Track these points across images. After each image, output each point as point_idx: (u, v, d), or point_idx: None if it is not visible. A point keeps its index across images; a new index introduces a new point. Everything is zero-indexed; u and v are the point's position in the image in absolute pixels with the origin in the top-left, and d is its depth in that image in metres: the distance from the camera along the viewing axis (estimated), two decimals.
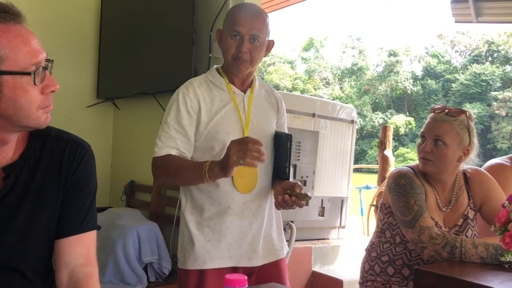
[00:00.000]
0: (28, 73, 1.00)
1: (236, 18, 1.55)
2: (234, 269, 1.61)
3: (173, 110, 1.58)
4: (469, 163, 1.83)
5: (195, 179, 1.49)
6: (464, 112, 1.77)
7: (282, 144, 1.64)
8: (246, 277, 0.85)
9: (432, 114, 1.79)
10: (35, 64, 1.01)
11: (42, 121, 1.07)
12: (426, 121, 1.80)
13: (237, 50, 1.54)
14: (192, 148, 1.59)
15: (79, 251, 1.17)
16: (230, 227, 1.59)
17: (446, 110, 1.76)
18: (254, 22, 1.54)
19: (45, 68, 1.04)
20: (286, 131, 1.76)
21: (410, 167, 1.83)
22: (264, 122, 1.67)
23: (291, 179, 1.65)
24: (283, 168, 1.62)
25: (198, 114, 1.57)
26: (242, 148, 1.33)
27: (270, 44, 1.64)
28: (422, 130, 1.80)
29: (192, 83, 1.62)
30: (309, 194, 1.49)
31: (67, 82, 3.37)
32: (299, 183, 1.53)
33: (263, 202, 1.65)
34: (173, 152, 1.54)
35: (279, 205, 1.50)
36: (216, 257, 1.58)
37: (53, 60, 1.07)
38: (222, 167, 1.38)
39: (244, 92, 1.64)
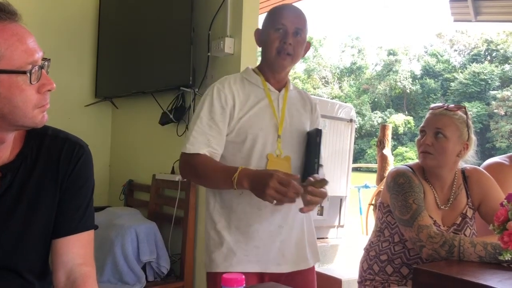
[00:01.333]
0: (24, 72, 1.00)
1: (281, 13, 1.57)
2: (260, 276, 1.56)
3: (207, 105, 1.55)
4: (468, 162, 1.83)
5: (224, 186, 1.48)
6: (462, 107, 1.79)
7: (311, 140, 1.62)
8: (243, 276, 0.84)
9: (431, 110, 1.80)
10: (31, 63, 1.01)
11: (38, 120, 1.06)
12: (425, 117, 1.81)
13: (281, 43, 1.54)
14: (224, 143, 1.56)
15: (77, 250, 1.17)
16: (259, 229, 1.55)
17: (444, 107, 1.78)
18: (298, 18, 1.56)
19: (41, 67, 1.03)
20: None
21: (408, 166, 1.83)
22: (298, 122, 1.65)
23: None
24: (312, 164, 1.57)
25: (232, 110, 1.55)
26: (282, 191, 1.31)
27: (307, 45, 1.64)
28: (421, 125, 1.80)
29: (227, 79, 1.61)
30: (324, 177, 1.41)
31: (65, 81, 3.35)
32: (317, 175, 1.44)
33: (295, 205, 1.57)
34: (204, 150, 1.51)
35: (304, 205, 1.40)
36: (243, 260, 1.54)
37: (50, 59, 1.07)
38: (253, 189, 1.38)
39: (279, 91, 1.64)
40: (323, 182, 1.39)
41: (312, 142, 1.61)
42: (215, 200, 1.60)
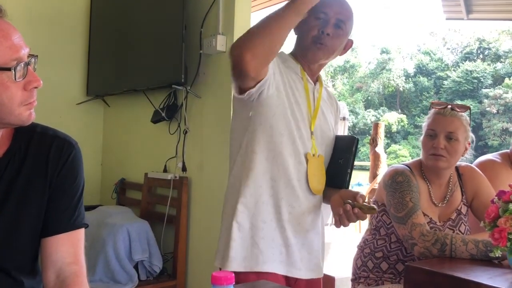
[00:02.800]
0: (8, 69, 0.99)
1: (325, 0, 1.44)
2: (286, 278, 1.47)
3: None
4: (463, 160, 1.84)
5: (287, 15, 1.28)
6: (468, 107, 1.80)
7: (346, 147, 1.52)
8: (233, 274, 0.84)
9: (436, 109, 1.78)
10: (16, 60, 1.00)
11: (25, 117, 1.05)
12: (432, 117, 1.78)
13: (319, 32, 1.43)
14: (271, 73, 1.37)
15: (66, 249, 1.16)
16: (288, 229, 1.45)
17: (449, 106, 1.77)
18: (343, 8, 1.46)
19: (27, 64, 1.02)
20: None
21: (406, 164, 1.83)
22: (329, 120, 1.57)
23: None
24: (344, 174, 1.49)
25: (276, 77, 1.41)
26: None
27: (349, 43, 1.54)
28: (429, 127, 1.77)
29: None
30: (375, 206, 1.33)
31: (56, 79, 3.33)
32: (361, 192, 1.36)
33: (320, 209, 1.54)
34: None
35: (339, 220, 1.32)
36: (269, 259, 1.43)
37: (36, 56, 1.06)
38: None
39: (314, 84, 1.55)
40: (373, 210, 1.32)
41: (344, 149, 1.52)
42: (242, 186, 1.43)
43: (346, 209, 1.30)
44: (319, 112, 1.52)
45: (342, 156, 1.52)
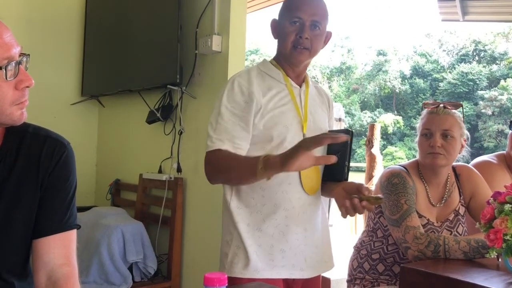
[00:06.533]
0: None
1: (298, 4, 1.47)
2: (286, 281, 1.50)
3: (228, 100, 1.45)
4: (459, 160, 1.84)
5: (247, 175, 1.36)
6: (460, 104, 1.80)
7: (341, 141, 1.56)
8: (226, 275, 0.83)
9: (429, 109, 1.79)
10: (7, 59, 0.98)
11: (16, 117, 1.04)
12: (426, 117, 1.78)
13: (297, 37, 1.46)
14: (250, 138, 1.45)
15: (58, 250, 1.15)
16: (285, 231, 1.46)
17: (442, 105, 1.77)
18: (316, 8, 1.48)
19: (18, 63, 1.01)
20: None
21: (402, 166, 1.82)
22: (320, 119, 1.59)
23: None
24: (341, 167, 1.49)
25: (256, 105, 1.45)
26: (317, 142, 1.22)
27: (328, 35, 1.55)
28: (424, 126, 1.77)
29: (247, 72, 1.52)
30: (381, 196, 1.35)
31: (51, 79, 3.32)
32: (365, 184, 1.38)
33: (318, 206, 1.55)
34: (226, 145, 1.41)
35: (346, 211, 1.33)
36: (269, 265, 1.45)
37: (28, 55, 1.05)
38: (284, 157, 1.24)
39: (300, 86, 1.56)
40: (380, 200, 1.33)
41: (340, 143, 1.49)
42: (231, 198, 1.50)
43: (355, 203, 1.31)
44: (308, 113, 1.54)
45: (338, 150, 1.53)
